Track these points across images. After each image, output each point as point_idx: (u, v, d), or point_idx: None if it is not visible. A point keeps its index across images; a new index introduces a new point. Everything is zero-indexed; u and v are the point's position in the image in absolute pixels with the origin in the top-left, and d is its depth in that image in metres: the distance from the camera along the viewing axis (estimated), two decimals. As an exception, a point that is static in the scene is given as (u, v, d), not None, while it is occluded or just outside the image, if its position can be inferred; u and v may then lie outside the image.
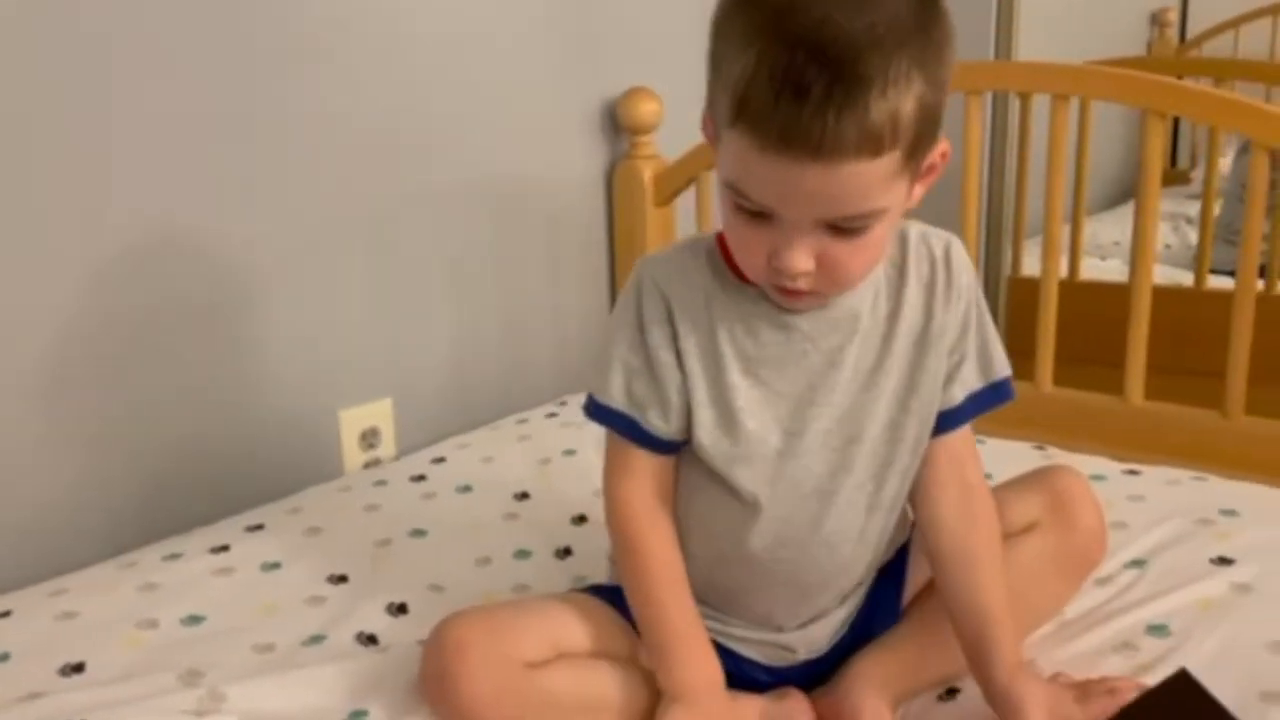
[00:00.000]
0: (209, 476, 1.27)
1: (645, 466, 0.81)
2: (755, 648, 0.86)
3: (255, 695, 0.85)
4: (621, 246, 1.74)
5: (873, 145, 0.64)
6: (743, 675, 0.86)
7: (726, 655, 0.85)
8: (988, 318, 0.83)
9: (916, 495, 0.85)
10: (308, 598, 1.01)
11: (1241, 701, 0.80)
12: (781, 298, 0.75)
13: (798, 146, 0.64)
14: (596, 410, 0.82)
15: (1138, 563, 1.00)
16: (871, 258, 0.73)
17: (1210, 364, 1.30)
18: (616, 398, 0.80)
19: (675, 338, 0.78)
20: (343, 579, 1.05)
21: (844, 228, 0.68)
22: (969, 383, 0.83)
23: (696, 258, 0.80)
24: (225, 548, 1.11)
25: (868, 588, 0.89)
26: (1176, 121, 3.19)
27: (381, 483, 1.27)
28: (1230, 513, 1.08)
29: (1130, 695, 0.78)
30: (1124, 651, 0.88)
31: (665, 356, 0.78)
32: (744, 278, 0.77)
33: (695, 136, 1.62)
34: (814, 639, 0.86)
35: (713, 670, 0.80)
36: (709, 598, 0.85)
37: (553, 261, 1.68)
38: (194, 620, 0.98)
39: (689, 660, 0.79)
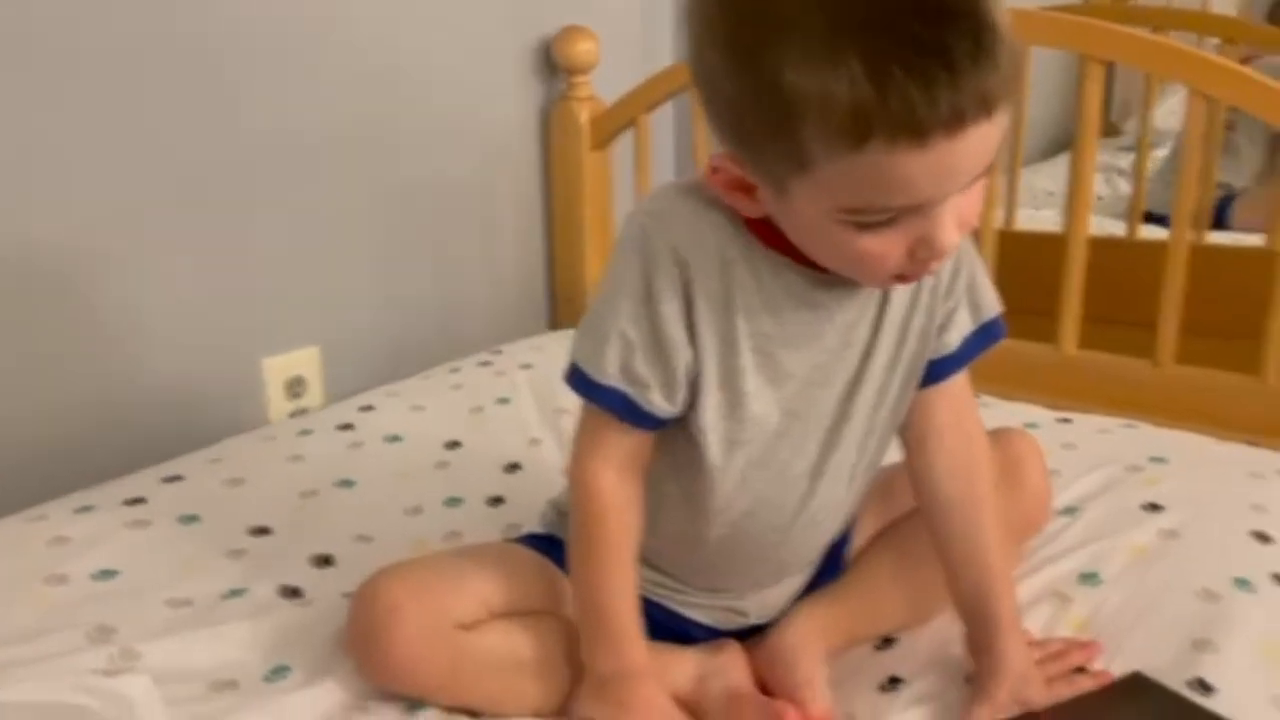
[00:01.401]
0: (125, 428, 1.22)
1: (627, 443, 0.74)
2: (707, 612, 0.84)
3: (170, 652, 0.82)
4: (557, 191, 1.70)
5: (1016, 71, 0.59)
6: (682, 632, 0.84)
7: (670, 615, 0.84)
8: (976, 256, 0.79)
9: (912, 445, 0.82)
10: (227, 551, 0.98)
11: (1172, 649, 0.81)
12: (899, 281, 0.67)
13: (969, 115, 0.56)
14: (584, 385, 0.72)
15: (1070, 510, 1.00)
16: (985, 193, 0.66)
17: (1142, 314, 1.31)
18: (611, 374, 0.71)
19: (690, 313, 0.70)
20: (265, 531, 1.01)
21: (976, 177, 0.62)
22: (963, 326, 0.78)
23: (711, 211, 0.70)
24: (140, 500, 1.06)
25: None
26: (1110, 74, 3.22)
27: (307, 432, 1.23)
28: (1160, 460, 1.09)
29: (1086, 686, 0.78)
30: (1056, 601, 0.88)
31: (676, 333, 0.70)
32: (768, 239, 0.69)
33: (633, 77, 1.61)
34: (768, 604, 0.85)
35: (638, 659, 0.75)
36: (672, 569, 0.83)
37: (486, 206, 1.64)
38: (106, 575, 0.93)
39: (617, 647, 0.75)
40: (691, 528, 0.79)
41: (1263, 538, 0.95)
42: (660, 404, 0.72)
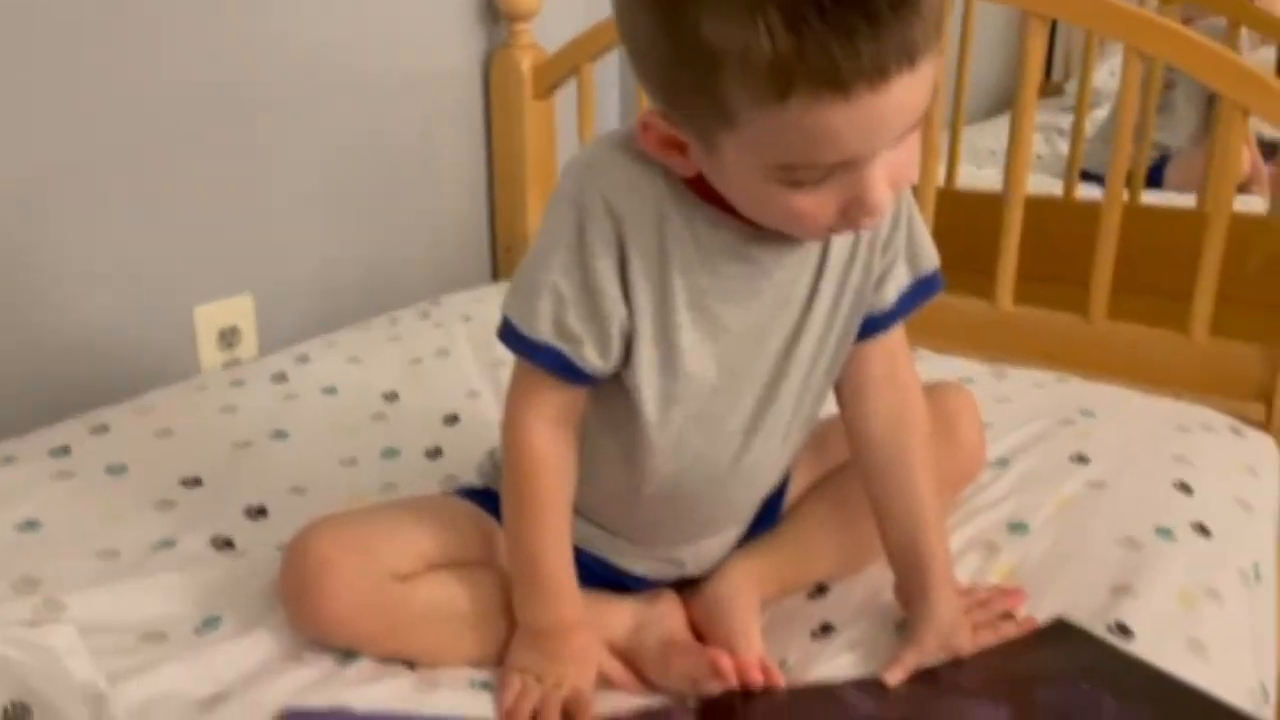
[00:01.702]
0: (50, 377, 1.19)
1: (560, 399, 0.73)
2: (644, 564, 0.84)
3: (97, 603, 0.80)
4: (499, 141, 1.68)
5: (939, 22, 0.58)
6: (619, 584, 0.84)
7: (608, 567, 0.84)
8: (915, 209, 0.79)
9: (847, 398, 0.82)
10: (157, 501, 0.96)
11: (1093, 594, 0.83)
12: (831, 234, 0.68)
13: (892, 67, 0.55)
14: (517, 341, 0.71)
15: (1001, 462, 1.02)
16: (919, 149, 0.66)
17: (1078, 272, 1.33)
18: (544, 329, 0.70)
19: (623, 265, 0.69)
20: (196, 482, 0.99)
21: (906, 131, 0.61)
22: (900, 281, 0.79)
23: (647, 163, 0.68)
24: (65, 450, 1.04)
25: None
26: (1053, 34, 3.25)
27: (239, 383, 1.21)
28: (1089, 413, 1.12)
29: (1011, 633, 0.80)
30: (985, 550, 0.90)
31: (610, 289, 0.69)
32: (704, 193, 0.68)
33: (576, 25, 1.58)
34: (704, 556, 0.85)
35: (572, 612, 0.75)
36: (608, 523, 0.83)
37: (427, 155, 1.61)
38: (30, 526, 0.91)
39: (550, 601, 0.75)
40: (628, 483, 0.79)
41: (1185, 488, 0.97)
42: (593, 360, 0.71)
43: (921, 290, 0.80)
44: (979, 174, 2.35)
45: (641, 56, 0.62)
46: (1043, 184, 2.22)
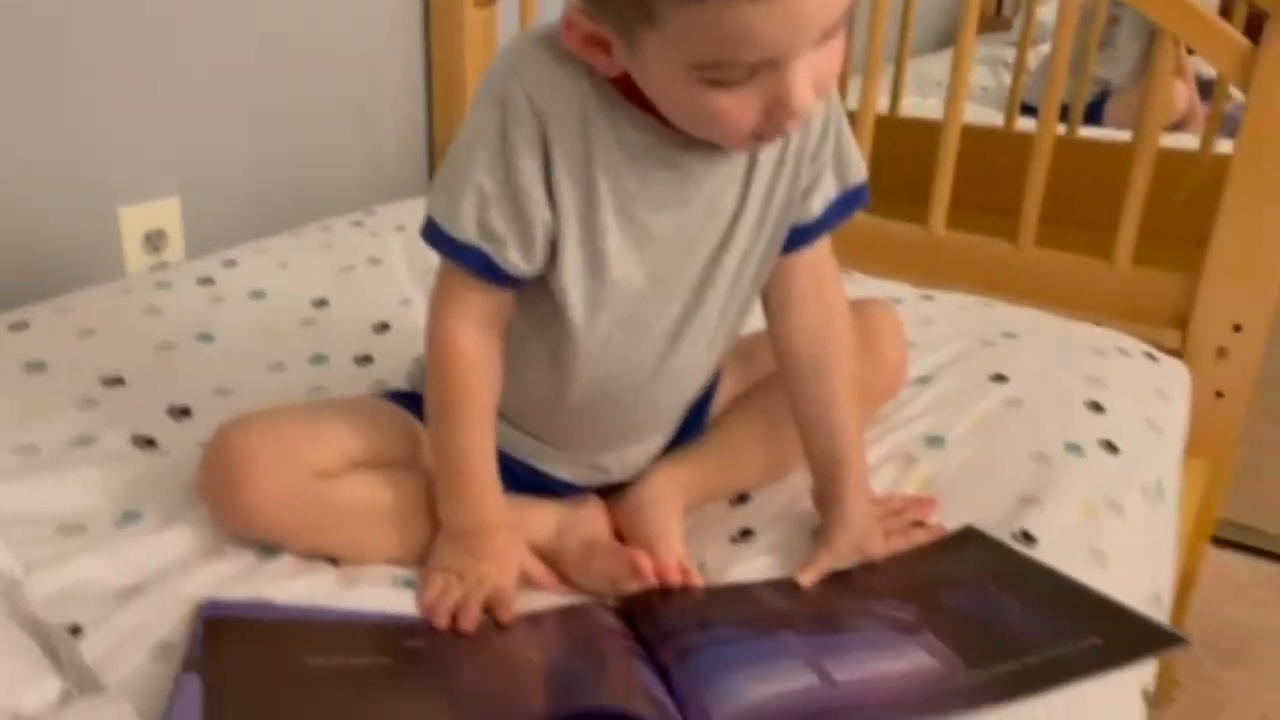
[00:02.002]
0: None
1: (485, 301, 0.72)
2: (569, 469, 0.85)
3: (14, 496, 0.79)
4: (438, 50, 1.64)
5: None
6: (545, 489, 0.85)
7: (533, 472, 0.85)
8: (845, 122, 0.79)
9: (773, 310, 0.83)
10: (78, 400, 0.94)
11: (1002, 504, 0.86)
12: (759, 143, 0.67)
13: None
14: (440, 240, 0.71)
15: (923, 380, 1.04)
16: (842, 53, 0.65)
17: (1012, 202, 1.35)
18: (467, 229, 0.69)
19: (548, 166, 0.68)
20: (118, 381, 0.98)
21: (828, 32, 0.61)
22: (827, 192, 0.79)
23: (572, 62, 0.67)
24: (-18, 346, 1.02)
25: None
26: (1004, -32, 3.24)
27: (165, 285, 1.19)
28: (1011, 335, 1.14)
29: (921, 540, 0.82)
30: (902, 462, 0.92)
31: (534, 189, 0.68)
32: (630, 93, 0.67)
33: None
34: (629, 462, 0.86)
35: (495, 513, 0.76)
36: (534, 428, 0.83)
37: (363, 62, 1.57)
38: (-57, 421, 0.90)
39: (473, 502, 0.75)
40: (554, 386, 0.79)
41: (1097, 407, 1.01)
42: (517, 262, 0.71)
43: (848, 202, 0.81)
44: (924, 104, 2.36)
45: None
46: (987, 116, 2.24)
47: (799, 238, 0.80)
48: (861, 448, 0.85)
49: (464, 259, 0.71)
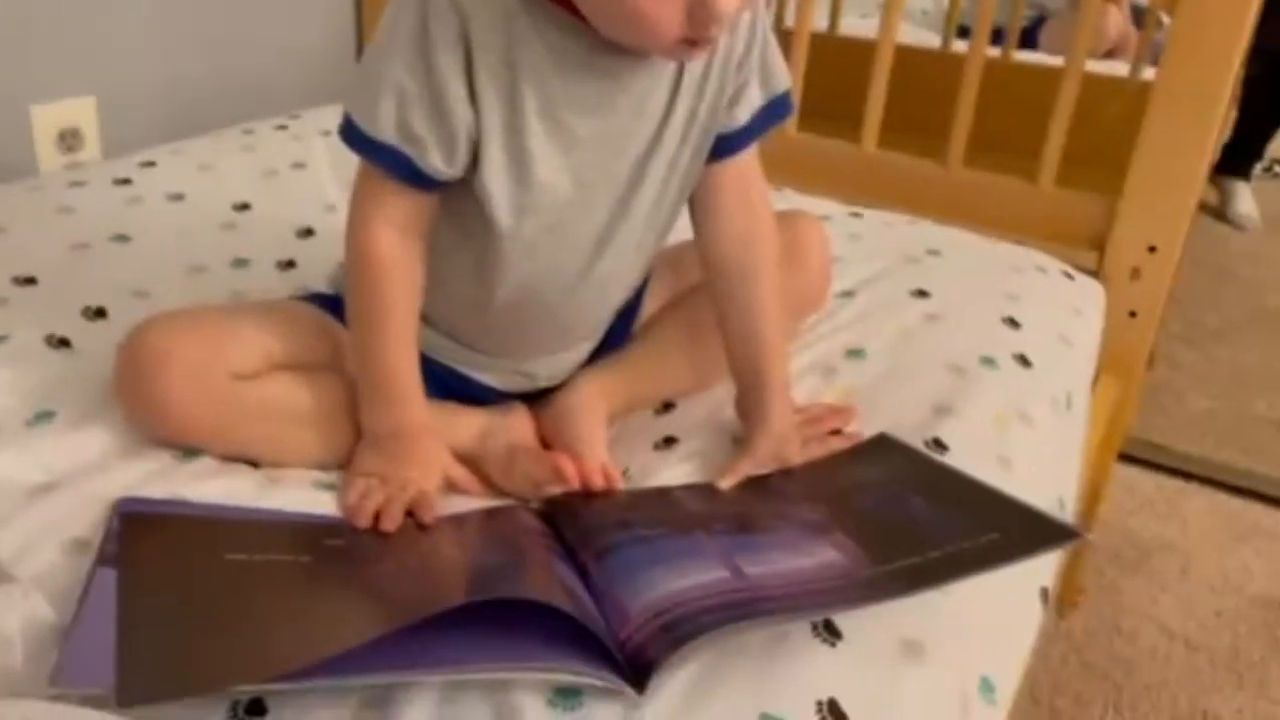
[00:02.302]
0: None
1: (406, 204, 0.72)
2: (496, 375, 0.85)
3: (-82, 394, 0.77)
4: (367, -52, 1.59)
5: None
6: (471, 395, 0.85)
7: (459, 378, 0.85)
8: (769, 31, 0.78)
9: (699, 219, 0.83)
10: (-13, 299, 0.92)
11: (917, 413, 0.88)
12: (685, 51, 0.66)
13: None
14: (359, 141, 0.70)
15: (847, 294, 1.06)
16: None
17: (945, 123, 1.36)
18: (386, 130, 0.68)
19: (469, 66, 0.67)
20: (30, 281, 0.95)
21: None
22: (753, 101, 0.79)
23: None
24: (-116, 243, 0.98)
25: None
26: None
27: (79, 184, 1.15)
28: (935, 252, 1.16)
29: (838, 446, 0.84)
30: (823, 373, 0.94)
31: (455, 89, 0.67)
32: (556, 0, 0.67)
33: None
34: (556, 368, 0.86)
35: (417, 417, 0.76)
36: (461, 333, 0.83)
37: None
38: None
39: (395, 406, 0.75)
40: (480, 292, 0.79)
41: (1012, 323, 1.03)
42: (438, 164, 0.70)
43: (772, 112, 0.81)
44: (863, 24, 2.35)
45: None
46: (927, 39, 2.24)
47: (726, 146, 0.80)
48: (784, 357, 0.86)
49: (384, 160, 0.70)
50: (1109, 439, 1.33)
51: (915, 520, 0.73)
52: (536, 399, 0.88)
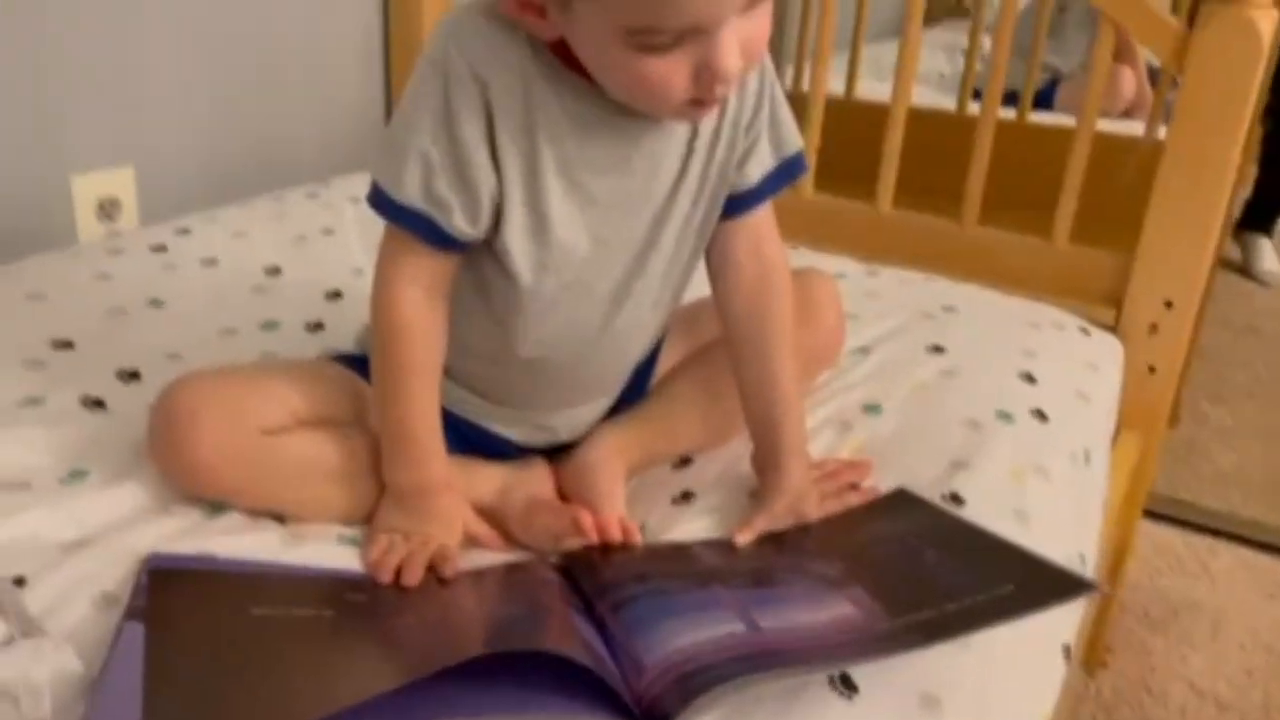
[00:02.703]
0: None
1: (430, 266, 0.74)
2: (517, 429, 0.87)
3: (-43, 452, 0.80)
4: (396, 27, 1.65)
5: None
6: (492, 449, 0.87)
7: (481, 433, 0.86)
8: (780, 93, 0.81)
9: (714, 275, 0.85)
10: (25, 361, 0.95)
11: (933, 468, 0.89)
12: (695, 112, 0.68)
13: None
14: (385, 205, 0.72)
15: (863, 350, 1.07)
16: (770, 23, 0.68)
17: (960, 184, 1.38)
18: (412, 194, 0.70)
19: (491, 131, 0.69)
20: (67, 345, 0.98)
21: (755, 1, 0.63)
22: (764, 162, 0.81)
23: (513, 30, 0.69)
24: (-71, 309, 1.02)
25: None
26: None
27: (117, 252, 1.19)
28: (950, 309, 1.17)
29: (854, 502, 0.85)
30: (839, 428, 0.95)
31: (479, 155, 0.70)
32: (568, 61, 0.69)
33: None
34: (576, 422, 0.88)
35: (438, 473, 0.77)
36: (481, 388, 0.84)
37: (322, 34, 1.57)
38: (-111, 380, 0.90)
39: (417, 463, 0.77)
40: (501, 348, 0.80)
41: (1029, 378, 1.04)
42: (463, 227, 0.72)
43: (785, 173, 0.83)
44: (881, 88, 2.39)
45: None
46: (945, 102, 2.27)
47: (738, 205, 0.82)
48: (800, 412, 0.87)
49: (409, 224, 0.72)
50: (1132, 495, 1.32)
51: (931, 574, 0.74)
52: (556, 454, 0.89)
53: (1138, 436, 1.28)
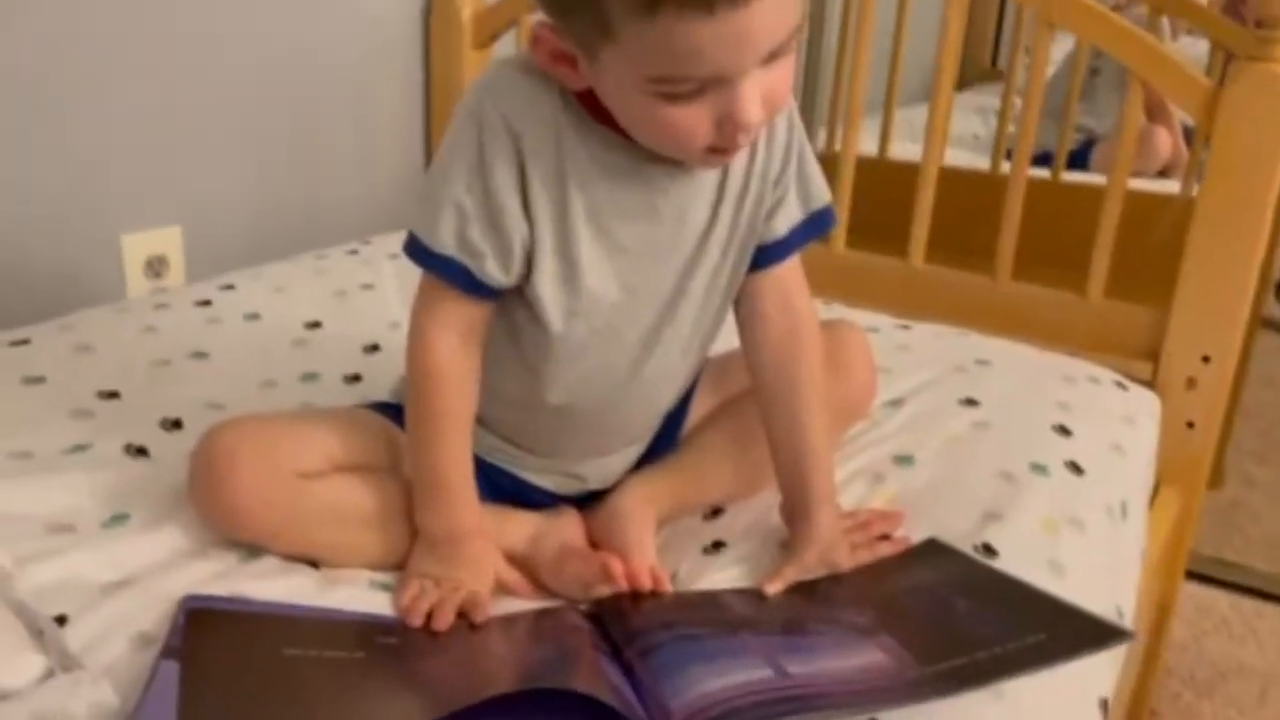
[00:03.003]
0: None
1: (465, 312, 0.76)
2: (548, 477, 0.88)
3: (4, 495, 0.82)
4: (438, 90, 1.70)
5: None
6: (525, 498, 0.88)
7: (514, 481, 0.87)
8: (808, 148, 0.82)
9: (743, 327, 0.86)
10: (73, 410, 0.97)
11: (965, 519, 0.89)
12: (718, 159, 0.71)
13: None
14: (421, 253, 0.74)
15: (895, 403, 1.07)
16: (793, 73, 0.70)
17: (995, 241, 1.39)
18: (447, 243, 0.73)
19: (523, 181, 0.72)
20: (113, 395, 1.01)
21: (777, 52, 0.65)
22: (792, 215, 0.82)
23: (544, 84, 0.72)
24: (-16, 361, 1.05)
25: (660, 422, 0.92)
26: (1000, 21, 3.32)
27: (163, 306, 1.22)
28: (984, 363, 1.17)
29: (886, 552, 0.85)
30: (871, 479, 0.95)
31: (511, 204, 0.72)
32: (597, 113, 0.71)
33: (515, -26, 1.59)
34: (606, 471, 0.89)
35: (470, 520, 0.79)
36: (513, 436, 0.86)
37: (365, 99, 1.62)
38: (-58, 427, 0.93)
39: (449, 509, 0.78)
40: (532, 394, 0.82)
41: (1064, 431, 1.03)
42: (496, 274, 0.74)
43: (813, 226, 0.84)
44: (913, 148, 2.42)
45: None
46: (980, 163, 2.29)
47: (766, 256, 0.83)
48: (830, 463, 0.87)
49: (444, 271, 0.74)
50: (1174, 553, 1.30)
51: (963, 622, 0.73)
52: (587, 503, 0.90)
53: (1178, 493, 1.26)
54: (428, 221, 0.74)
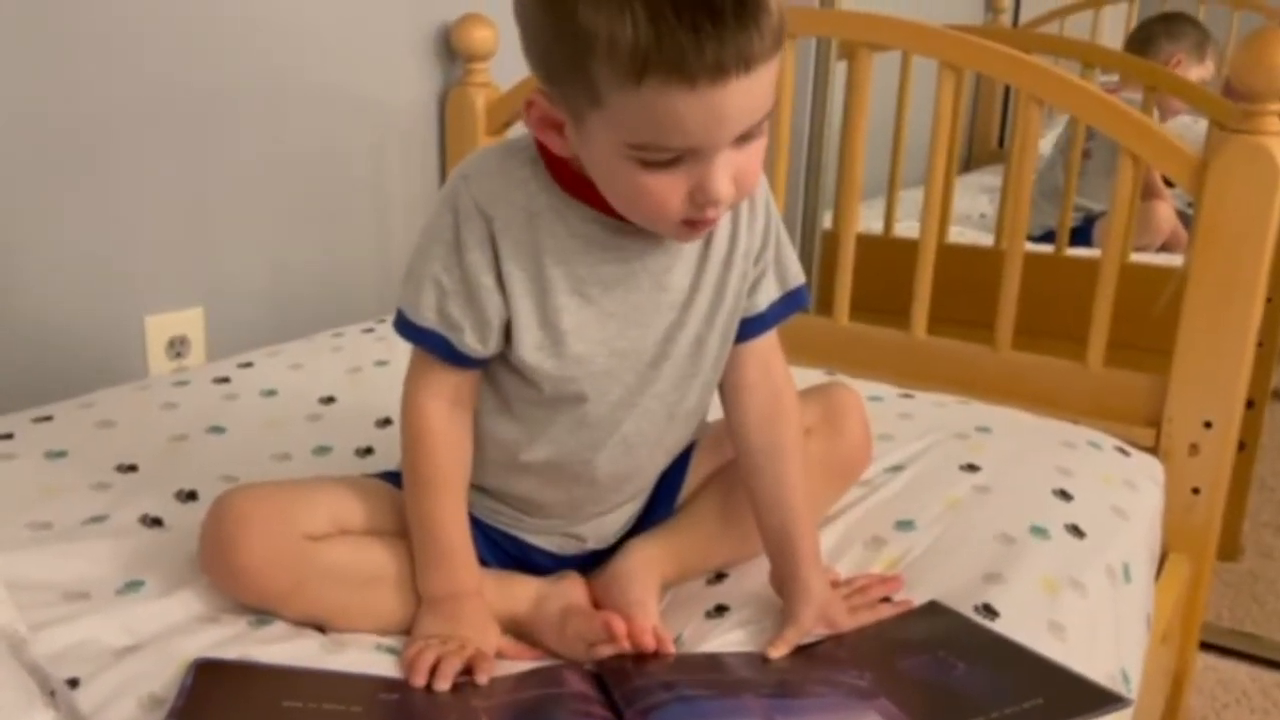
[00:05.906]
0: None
1: (451, 380, 0.81)
2: (546, 538, 0.90)
3: (22, 564, 0.84)
4: (452, 160, 1.75)
5: (776, 41, 0.67)
6: (528, 561, 0.90)
7: (516, 543, 0.89)
8: (784, 232, 0.87)
9: (727, 397, 0.89)
10: (93, 483, 1.00)
11: (966, 581, 0.89)
12: (689, 232, 0.75)
13: (730, 68, 0.65)
14: (406, 327, 0.80)
15: (896, 468, 1.09)
16: (762, 157, 0.74)
17: (996, 315, 1.41)
18: (428, 316, 0.78)
19: (497, 261, 0.77)
20: (132, 468, 1.04)
21: (748, 135, 0.70)
22: (770, 292, 0.87)
23: (521, 169, 0.78)
24: (8, 436, 1.08)
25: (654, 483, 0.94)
26: (1006, 104, 3.40)
27: (183, 383, 1.26)
28: (984, 429, 1.19)
29: (887, 614, 0.86)
30: (872, 544, 0.96)
31: (485, 280, 0.77)
32: (575, 191, 0.77)
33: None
34: (603, 531, 0.91)
35: (468, 581, 0.82)
36: (508, 498, 0.88)
37: (382, 184, 1.68)
38: (-32, 500, 0.95)
39: (449, 571, 0.81)
40: (517, 454, 0.85)
41: (1064, 495, 1.04)
42: (474, 345, 0.79)
43: (790, 302, 0.89)
44: (918, 226, 2.46)
45: (529, 37, 0.71)
46: (986, 240, 2.33)
47: (747, 330, 0.87)
48: (814, 527, 0.89)
49: (428, 343, 0.80)
50: (1188, 622, 1.29)
51: (961, 686, 0.74)
52: (591, 566, 0.91)
53: (1188, 560, 1.26)
54: (411, 297, 0.79)
